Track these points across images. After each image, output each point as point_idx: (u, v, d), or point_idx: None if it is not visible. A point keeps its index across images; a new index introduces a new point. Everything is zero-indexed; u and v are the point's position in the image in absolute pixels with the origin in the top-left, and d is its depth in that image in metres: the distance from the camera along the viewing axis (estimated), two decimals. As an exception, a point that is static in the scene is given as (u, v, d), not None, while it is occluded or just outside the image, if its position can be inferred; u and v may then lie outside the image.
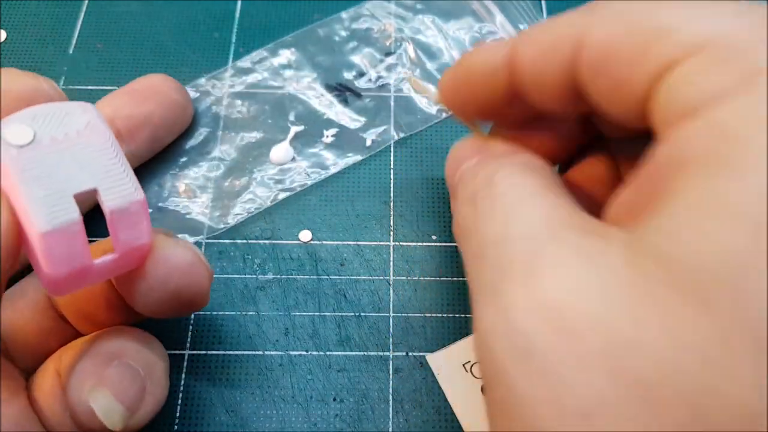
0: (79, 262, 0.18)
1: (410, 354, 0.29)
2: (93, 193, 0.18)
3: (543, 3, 0.40)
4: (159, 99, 0.31)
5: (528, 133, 0.22)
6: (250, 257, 0.31)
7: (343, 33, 0.38)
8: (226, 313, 0.30)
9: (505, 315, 0.14)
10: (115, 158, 0.19)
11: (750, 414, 0.10)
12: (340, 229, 0.32)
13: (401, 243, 0.32)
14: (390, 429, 0.27)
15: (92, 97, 0.36)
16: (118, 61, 0.37)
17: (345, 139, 0.34)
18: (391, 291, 0.30)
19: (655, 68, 0.14)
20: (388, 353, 0.29)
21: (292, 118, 0.35)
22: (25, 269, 0.25)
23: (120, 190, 0.19)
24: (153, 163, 0.33)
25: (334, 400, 0.28)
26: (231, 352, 0.29)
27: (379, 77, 0.36)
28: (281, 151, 0.34)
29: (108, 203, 0.18)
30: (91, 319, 0.23)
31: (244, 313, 0.30)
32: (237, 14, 0.39)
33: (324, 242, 0.32)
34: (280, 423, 0.27)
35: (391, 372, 0.28)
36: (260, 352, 0.29)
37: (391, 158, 0.34)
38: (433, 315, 0.30)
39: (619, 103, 0.16)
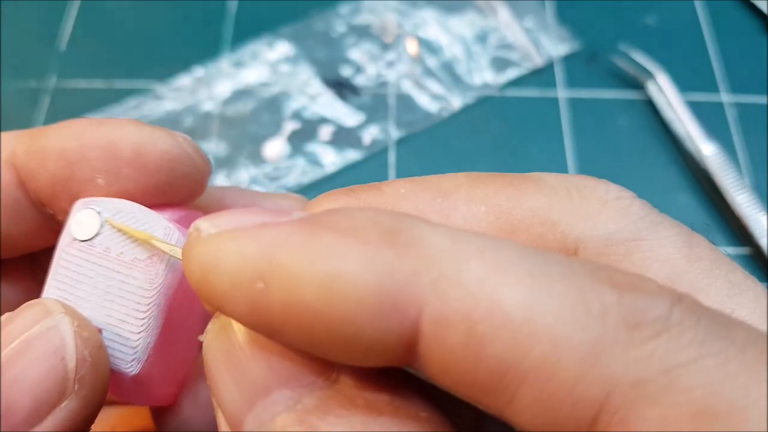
0: None
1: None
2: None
3: (548, -3, 0.39)
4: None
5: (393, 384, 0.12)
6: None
7: (342, 28, 0.37)
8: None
9: None
10: (143, 313, 0.16)
11: None
12: (337, 230, 0.31)
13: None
14: None
15: (85, 95, 0.35)
16: (111, 57, 0.36)
17: (343, 137, 0.33)
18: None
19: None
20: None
21: (288, 114, 0.34)
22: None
23: (118, 352, 0.16)
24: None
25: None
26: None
27: (379, 74, 0.35)
28: (276, 147, 0.33)
29: None
30: None
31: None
32: (231, 8, 0.38)
33: (320, 243, 0.31)
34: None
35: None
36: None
37: (392, 157, 0.33)
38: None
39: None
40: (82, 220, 0.16)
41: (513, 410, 0.10)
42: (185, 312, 0.17)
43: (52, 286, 0.16)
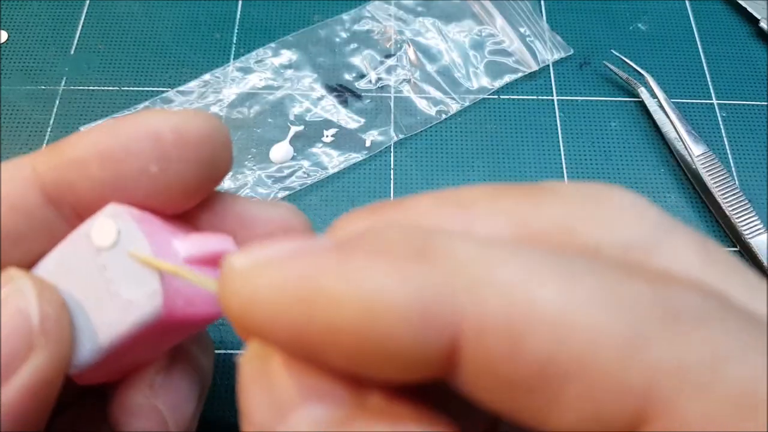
0: None
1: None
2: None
3: (542, 4, 0.40)
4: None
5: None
6: (249, 257, 0.31)
7: (344, 34, 0.38)
8: (226, 312, 0.30)
9: None
10: (96, 343, 0.16)
11: None
12: (340, 229, 0.32)
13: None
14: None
15: (94, 98, 0.36)
16: (120, 61, 0.37)
17: (345, 139, 0.34)
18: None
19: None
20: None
21: (291, 117, 0.35)
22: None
23: (77, 350, 0.16)
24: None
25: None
26: (232, 352, 0.29)
27: (379, 79, 0.36)
28: (281, 150, 0.34)
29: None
30: None
31: (243, 312, 0.30)
32: (238, 15, 0.39)
33: (324, 242, 0.31)
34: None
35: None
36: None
37: (392, 159, 0.34)
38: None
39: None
40: (104, 227, 0.16)
41: (557, 411, 0.10)
42: (143, 347, 0.17)
43: (50, 259, 0.16)
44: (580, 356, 0.10)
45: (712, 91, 0.38)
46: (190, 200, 0.17)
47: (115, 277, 0.16)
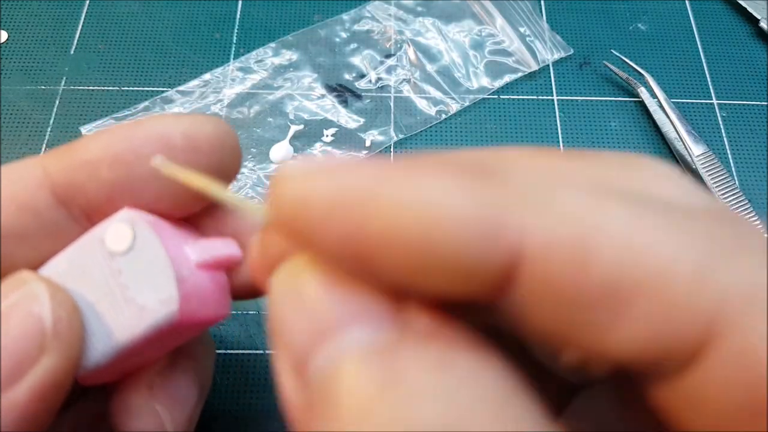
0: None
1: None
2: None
3: (542, 4, 0.40)
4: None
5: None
6: (249, 257, 0.31)
7: (344, 34, 0.38)
8: (226, 312, 0.30)
9: None
10: (108, 346, 0.16)
11: None
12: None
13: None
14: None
15: (94, 98, 0.36)
16: (120, 61, 0.37)
17: (345, 139, 0.34)
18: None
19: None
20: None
21: (291, 117, 0.35)
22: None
23: (87, 352, 0.16)
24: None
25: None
26: (231, 352, 0.29)
27: (379, 79, 0.37)
28: (281, 149, 0.34)
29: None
30: None
31: (245, 312, 0.30)
32: (238, 15, 0.39)
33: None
34: (284, 422, 0.27)
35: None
36: (261, 351, 0.29)
37: (392, 159, 0.34)
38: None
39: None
40: (119, 232, 0.16)
41: (618, 329, 0.10)
42: (150, 350, 0.17)
43: (60, 261, 0.16)
44: (651, 278, 0.10)
45: (712, 91, 0.38)
46: (197, 205, 0.18)
47: (129, 282, 0.16)
